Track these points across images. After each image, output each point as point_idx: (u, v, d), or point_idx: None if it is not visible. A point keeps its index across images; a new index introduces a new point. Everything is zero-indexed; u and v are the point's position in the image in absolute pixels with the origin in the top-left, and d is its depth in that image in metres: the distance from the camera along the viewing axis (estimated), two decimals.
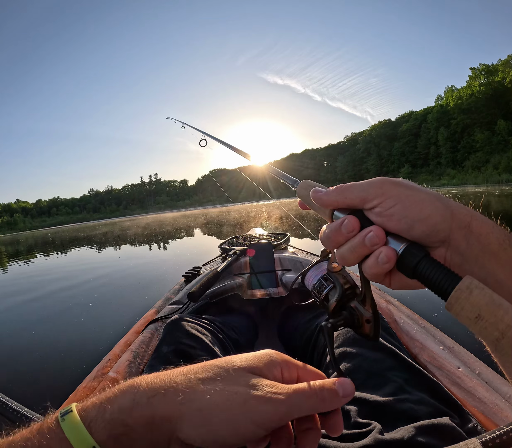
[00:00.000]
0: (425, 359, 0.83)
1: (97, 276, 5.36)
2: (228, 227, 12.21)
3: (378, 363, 0.69)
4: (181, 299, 1.36)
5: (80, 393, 0.82)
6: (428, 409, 0.57)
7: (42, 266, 8.12)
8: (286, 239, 2.18)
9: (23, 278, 6.36)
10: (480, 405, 0.65)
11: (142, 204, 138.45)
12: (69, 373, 1.97)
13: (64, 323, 3.04)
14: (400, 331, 0.98)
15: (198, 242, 10.04)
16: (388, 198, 0.32)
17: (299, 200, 0.48)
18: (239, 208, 33.65)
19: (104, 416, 0.25)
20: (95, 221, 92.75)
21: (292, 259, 1.65)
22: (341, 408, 0.61)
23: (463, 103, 57.63)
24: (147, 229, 18.55)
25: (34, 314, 3.49)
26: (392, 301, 1.23)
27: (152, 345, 1.03)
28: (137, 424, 0.25)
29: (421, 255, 0.30)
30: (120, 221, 46.93)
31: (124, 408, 0.25)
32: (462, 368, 0.75)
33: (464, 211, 0.32)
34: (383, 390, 0.62)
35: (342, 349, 0.75)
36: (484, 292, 0.25)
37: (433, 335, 0.94)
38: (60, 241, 18.26)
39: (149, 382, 0.28)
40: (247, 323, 1.29)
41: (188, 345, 0.79)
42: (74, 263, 7.73)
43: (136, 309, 3.03)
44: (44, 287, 4.84)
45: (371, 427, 0.55)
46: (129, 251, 9.55)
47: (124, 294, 3.84)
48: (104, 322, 2.88)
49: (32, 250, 14.59)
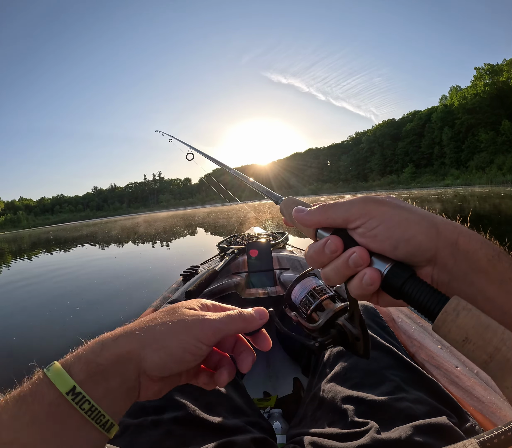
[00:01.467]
0: (423, 358, 0.82)
1: (88, 273, 5.39)
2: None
3: (376, 361, 0.68)
4: (178, 297, 1.35)
5: None
6: (426, 408, 0.56)
7: (39, 263, 8.15)
8: (284, 238, 2.18)
9: (25, 272, 6.39)
10: (478, 404, 0.64)
11: (145, 203, 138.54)
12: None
13: (54, 323, 3.03)
14: (398, 329, 0.97)
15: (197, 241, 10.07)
16: (371, 219, 0.31)
17: (283, 218, 0.46)
18: (242, 207, 33.70)
19: (80, 361, 0.29)
20: (98, 219, 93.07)
21: (290, 258, 1.65)
22: (338, 408, 0.61)
23: (468, 103, 57.59)
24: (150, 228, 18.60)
25: (25, 315, 3.50)
26: None
27: None
28: (108, 362, 0.29)
29: (406, 276, 0.29)
30: (119, 220, 47.06)
31: (95, 351, 0.30)
32: (460, 367, 0.74)
33: (450, 227, 0.31)
34: (381, 389, 0.62)
35: (339, 348, 0.74)
36: (471, 314, 0.25)
37: (431, 334, 0.93)
38: (55, 240, 18.33)
39: (111, 332, 0.33)
40: None
41: None
42: (69, 261, 7.76)
43: (133, 308, 3.04)
44: (37, 284, 4.86)
45: (368, 427, 0.54)
46: (129, 248, 9.59)
47: (119, 293, 3.85)
48: (101, 321, 2.88)
49: (35, 247, 14.67)
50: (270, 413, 1.06)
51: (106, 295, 3.85)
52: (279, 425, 0.97)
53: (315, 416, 0.67)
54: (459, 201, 14.48)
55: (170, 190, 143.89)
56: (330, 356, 0.75)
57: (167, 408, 0.62)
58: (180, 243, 9.78)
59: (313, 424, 0.65)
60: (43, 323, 3.12)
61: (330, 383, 0.69)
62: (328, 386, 0.68)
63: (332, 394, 0.65)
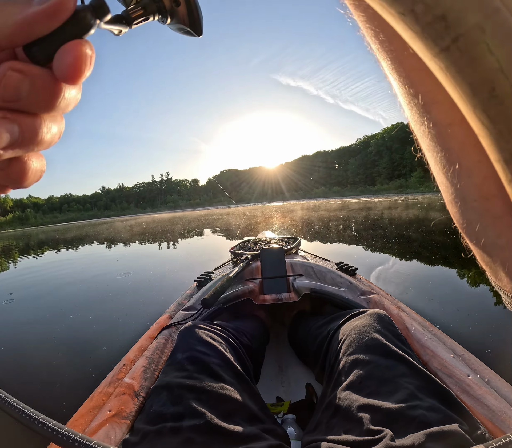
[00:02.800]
0: (436, 366, 0.83)
1: (100, 276, 5.42)
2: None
3: (390, 370, 0.69)
4: (194, 304, 1.38)
5: (96, 399, 0.84)
6: (439, 416, 0.58)
7: (48, 262, 8.16)
8: (297, 244, 2.18)
9: (36, 271, 6.41)
10: (488, 412, 0.65)
11: (152, 203, 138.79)
12: (84, 378, 1.99)
13: (73, 327, 3.05)
14: (411, 338, 0.98)
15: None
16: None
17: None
18: (246, 209, 33.34)
19: None
20: (105, 219, 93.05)
21: (303, 264, 1.66)
22: (354, 416, 0.63)
23: None
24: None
25: (39, 316, 3.49)
26: (403, 308, 1.24)
27: (167, 351, 1.05)
28: None
29: None
30: (125, 220, 46.98)
31: None
32: (471, 376, 0.76)
33: None
34: (395, 397, 0.63)
35: (355, 356, 0.76)
36: None
37: (444, 343, 0.94)
38: (51, 241, 18.28)
39: None
40: (258, 328, 1.31)
41: (201, 352, 0.80)
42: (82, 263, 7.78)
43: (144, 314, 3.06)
44: (55, 289, 4.88)
45: (383, 434, 0.56)
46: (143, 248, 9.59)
47: (135, 298, 3.87)
48: (116, 326, 2.90)
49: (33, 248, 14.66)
50: (283, 418, 1.08)
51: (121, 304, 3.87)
52: (292, 431, 0.99)
53: (330, 423, 0.69)
54: None
55: (178, 191, 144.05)
56: (346, 364, 0.77)
57: (185, 416, 0.63)
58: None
59: (328, 431, 0.67)
60: (54, 326, 3.14)
61: (346, 391, 0.70)
62: (344, 394, 0.70)
63: (348, 402, 0.67)
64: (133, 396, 0.82)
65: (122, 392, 0.82)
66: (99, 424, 0.71)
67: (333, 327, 0.97)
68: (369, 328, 0.82)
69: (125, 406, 0.77)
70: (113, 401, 0.79)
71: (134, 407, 0.79)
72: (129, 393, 0.82)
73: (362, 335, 0.80)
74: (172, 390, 0.69)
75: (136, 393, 0.83)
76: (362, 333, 0.81)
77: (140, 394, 0.83)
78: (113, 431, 0.70)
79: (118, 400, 0.79)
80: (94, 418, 0.74)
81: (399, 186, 72.26)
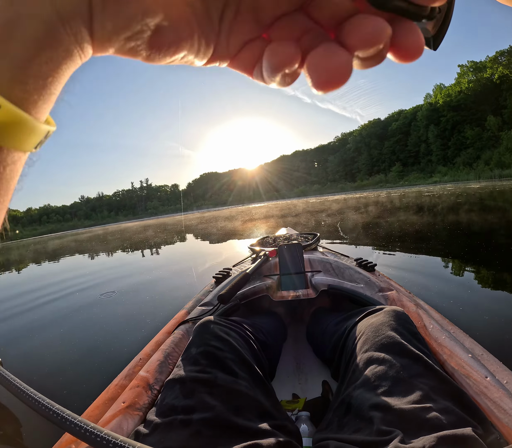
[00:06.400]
0: (453, 367, 0.81)
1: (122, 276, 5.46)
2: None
3: (406, 369, 0.68)
4: (211, 300, 1.39)
5: (112, 391, 0.86)
6: (453, 419, 0.56)
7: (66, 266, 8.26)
8: (316, 240, 2.16)
9: (48, 277, 6.51)
10: (505, 416, 0.63)
11: (133, 210, 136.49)
12: (101, 371, 2.02)
13: (96, 323, 3.08)
14: (429, 336, 0.96)
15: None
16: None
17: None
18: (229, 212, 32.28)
19: None
20: (85, 229, 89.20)
21: (322, 260, 1.64)
22: (365, 415, 0.62)
23: (452, 101, 57.68)
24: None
25: (60, 313, 3.55)
26: (422, 305, 1.21)
27: (182, 346, 1.06)
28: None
29: None
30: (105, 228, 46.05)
31: None
32: (489, 377, 0.73)
33: None
34: (409, 397, 0.62)
35: (370, 354, 0.75)
36: None
37: (463, 342, 0.92)
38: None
39: None
40: (276, 324, 1.31)
41: (216, 347, 0.81)
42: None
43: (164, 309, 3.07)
44: (75, 286, 4.97)
45: (393, 435, 0.54)
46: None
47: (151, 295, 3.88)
48: (134, 322, 2.91)
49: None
50: (297, 415, 1.07)
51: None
52: (306, 428, 0.98)
53: (341, 422, 0.68)
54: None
55: (158, 196, 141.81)
56: (360, 362, 0.76)
57: (196, 409, 0.63)
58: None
59: (339, 430, 0.66)
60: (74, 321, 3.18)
61: (359, 390, 0.69)
62: (356, 392, 0.69)
63: (360, 401, 0.66)
64: (147, 389, 0.83)
65: (136, 385, 0.84)
66: (113, 415, 0.73)
67: (350, 324, 0.96)
68: (385, 325, 0.80)
69: (139, 398, 0.79)
70: (128, 393, 0.81)
71: (147, 399, 0.80)
72: (144, 385, 0.84)
73: (378, 333, 0.79)
74: (184, 383, 0.70)
75: (150, 386, 0.85)
76: (378, 330, 0.79)
77: (154, 387, 0.85)
78: (125, 422, 0.71)
79: (133, 392, 0.81)
80: (108, 409, 0.76)
81: (379, 181, 72.31)
